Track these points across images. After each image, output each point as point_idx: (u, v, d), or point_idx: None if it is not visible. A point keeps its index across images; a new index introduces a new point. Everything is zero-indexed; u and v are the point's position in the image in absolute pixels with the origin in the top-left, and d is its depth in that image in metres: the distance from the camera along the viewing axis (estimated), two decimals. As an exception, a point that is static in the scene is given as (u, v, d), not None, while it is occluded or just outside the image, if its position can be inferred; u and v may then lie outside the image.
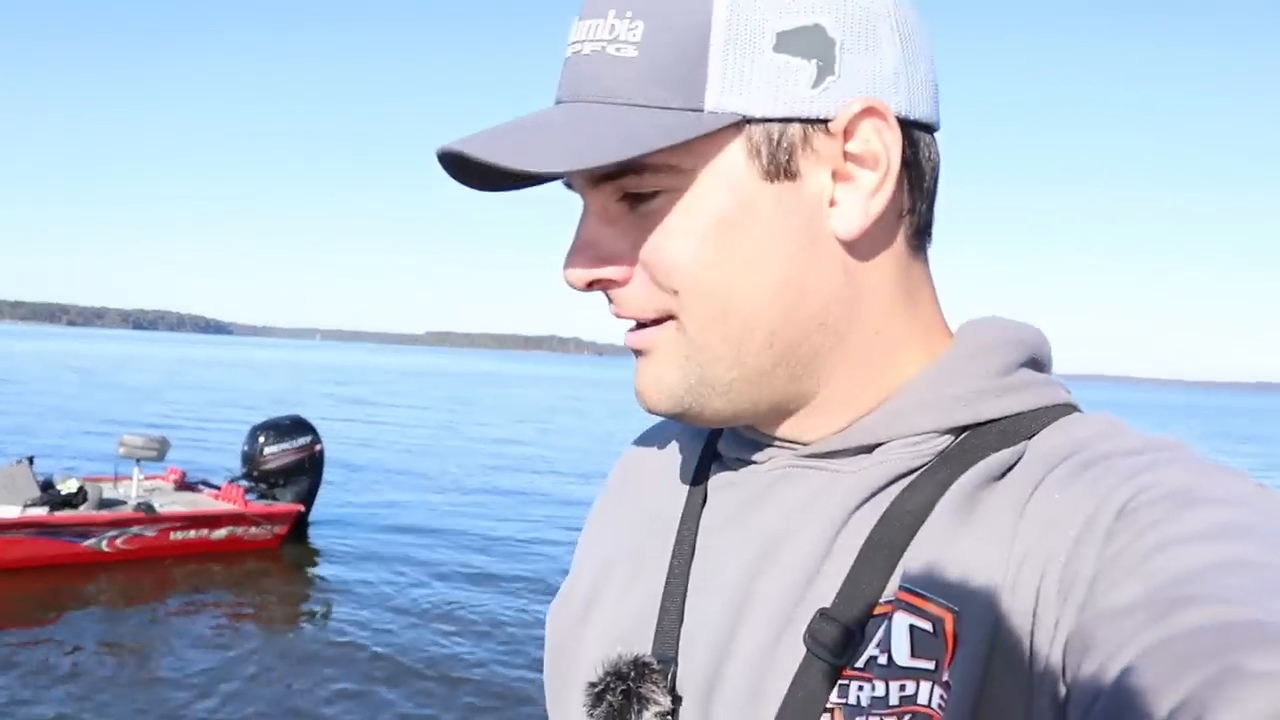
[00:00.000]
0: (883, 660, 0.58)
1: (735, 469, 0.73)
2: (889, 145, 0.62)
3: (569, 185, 0.68)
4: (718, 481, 0.74)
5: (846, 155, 0.63)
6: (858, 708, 0.58)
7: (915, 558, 0.60)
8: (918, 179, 0.66)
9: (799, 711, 0.60)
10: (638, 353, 0.68)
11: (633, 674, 0.68)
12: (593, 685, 0.69)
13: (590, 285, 0.66)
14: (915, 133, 0.65)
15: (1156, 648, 0.44)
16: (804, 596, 0.62)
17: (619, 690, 0.67)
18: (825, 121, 0.62)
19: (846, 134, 0.62)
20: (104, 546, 9.51)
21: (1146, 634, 0.45)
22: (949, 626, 0.57)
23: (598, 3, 0.63)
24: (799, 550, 0.64)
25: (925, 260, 0.70)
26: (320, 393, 42.96)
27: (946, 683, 0.55)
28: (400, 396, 44.93)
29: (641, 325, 0.67)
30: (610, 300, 0.67)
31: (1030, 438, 0.63)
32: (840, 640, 0.59)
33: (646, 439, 0.89)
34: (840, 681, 0.59)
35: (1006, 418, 0.65)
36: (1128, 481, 0.56)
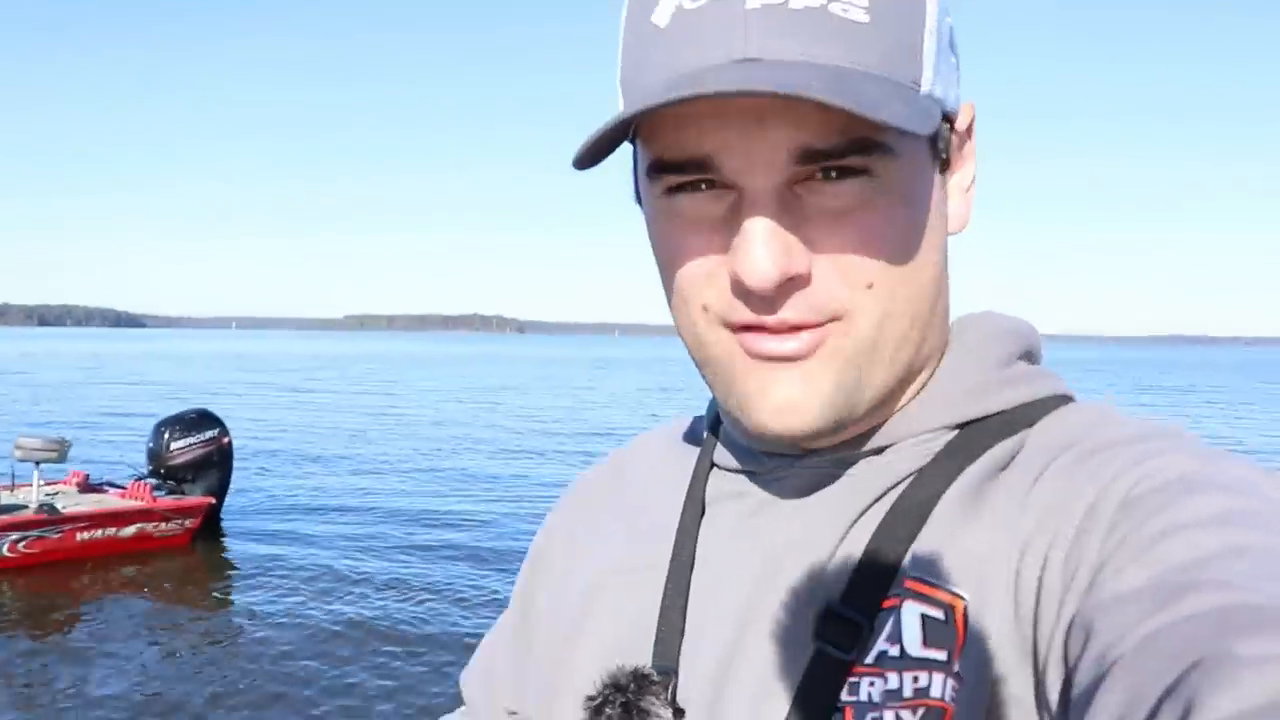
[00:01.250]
0: (894, 653, 0.58)
1: (734, 478, 0.71)
2: (975, 146, 0.67)
3: (664, 171, 0.59)
4: (716, 492, 0.72)
5: (959, 154, 0.65)
6: (869, 704, 0.57)
7: (923, 548, 0.60)
8: None
9: (810, 712, 0.59)
10: (783, 360, 0.60)
11: (632, 686, 0.66)
12: (590, 699, 0.68)
13: (781, 285, 0.57)
14: None
15: (1157, 635, 0.43)
16: (813, 597, 0.62)
17: (618, 703, 0.66)
18: (953, 119, 0.64)
19: (968, 132, 0.66)
20: (4, 551, 9.25)
21: (1149, 621, 0.44)
22: (959, 614, 0.57)
23: None
24: (810, 552, 0.63)
25: None
26: (231, 382, 42.09)
27: (958, 674, 0.56)
28: (312, 383, 44.20)
29: (791, 328, 0.59)
30: (768, 306, 0.58)
31: (1030, 427, 0.64)
32: (849, 636, 0.59)
33: (629, 451, 0.87)
34: (850, 679, 0.58)
35: (1008, 410, 0.65)
36: (1131, 469, 0.56)
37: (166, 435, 10.68)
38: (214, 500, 10.92)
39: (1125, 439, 0.60)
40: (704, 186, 0.58)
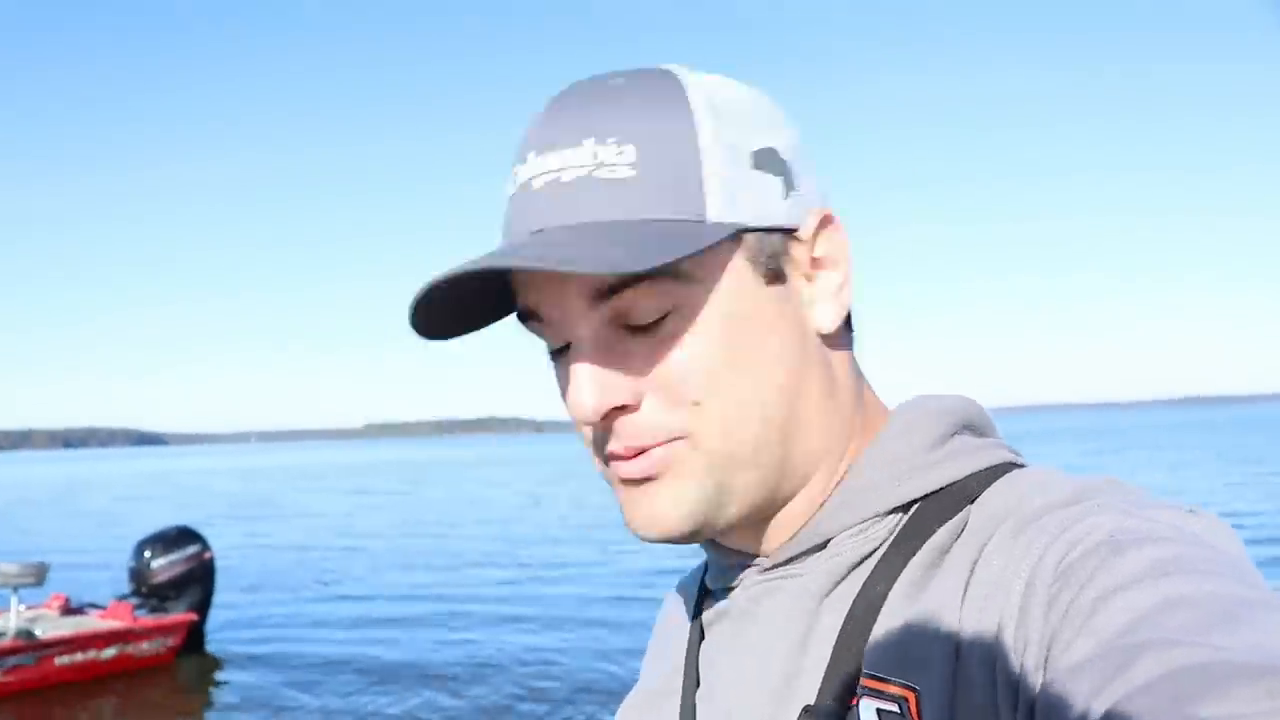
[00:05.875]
0: None
1: (722, 598, 0.76)
2: (845, 248, 0.70)
3: (530, 321, 0.68)
4: (710, 615, 0.78)
5: (813, 261, 0.69)
6: None
7: (876, 643, 0.63)
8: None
9: None
10: (640, 481, 0.67)
11: None
12: None
13: (604, 416, 0.65)
14: None
15: (1114, 712, 0.44)
16: (790, 697, 0.66)
17: None
18: (793, 231, 0.68)
19: (813, 242, 0.69)
20: (-17, 681, 9.13)
21: (1104, 695, 0.46)
22: (913, 705, 0.59)
23: (567, 134, 0.64)
24: (776, 660, 0.68)
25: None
26: (232, 499, 42.11)
27: None
28: (318, 496, 44.09)
29: (638, 451, 0.66)
30: (607, 436, 0.66)
31: (972, 502, 0.66)
32: None
33: (679, 586, 0.92)
34: None
35: (949, 485, 0.68)
36: (1060, 537, 0.58)
37: (148, 554, 10.62)
38: (196, 617, 10.82)
39: (1055, 504, 0.62)
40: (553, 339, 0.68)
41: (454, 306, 0.67)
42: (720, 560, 0.76)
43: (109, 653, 9.97)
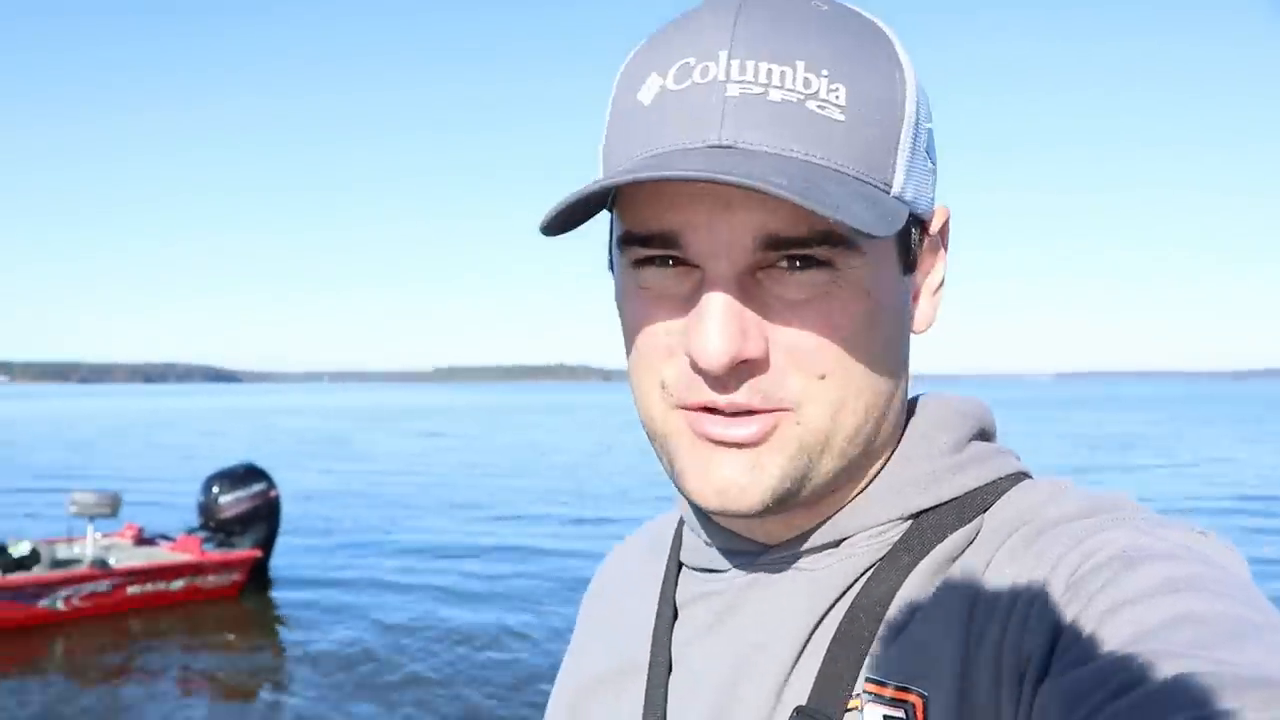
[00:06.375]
0: None
1: (703, 578, 0.72)
2: (947, 248, 0.68)
3: (639, 242, 0.60)
4: (686, 593, 0.73)
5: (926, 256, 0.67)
6: None
7: (880, 648, 0.61)
8: None
9: None
10: (741, 445, 0.61)
11: None
12: None
13: (733, 367, 0.58)
14: None
15: (1111, 714, 0.45)
16: (782, 698, 0.63)
17: None
18: (926, 222, 0.65)
19: (935, 236, 0.67)
20: (59, 605, 9.55)
21: (1108, 705, 0.46)
22: (919, 712, 0.58)
23: (778, 48, 0.57)
24: (775, 655, 0.64)
25: None
26: (304, 437, 43.04)
27: None
28: (389, 437, 44.82)
29: (738, 413, 0.60)
30: (705, 385, 0.60)
31: (985, 511, 0.65)
32: None
33: (621, 553, 0.89)
34: None
35: (961, 495, 0.66)
36: (1074, 549, 0.57)
37: (216, 489, 10.94)
38: (261, 553, 11.13)
39: (1069, 516, 0.61)
40: (670, 263, 0.60)
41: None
42: (710, 538, 0.71)
43: (177, 584, 10.34)
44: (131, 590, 10.04)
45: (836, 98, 0.57)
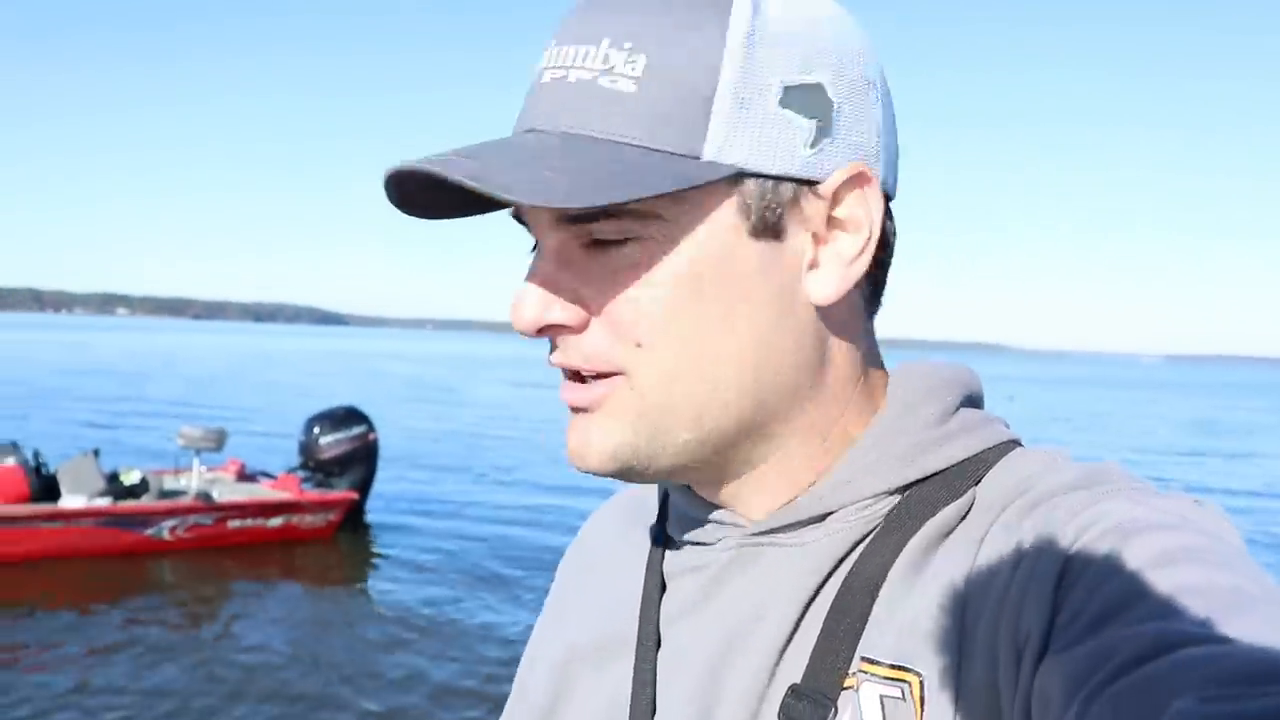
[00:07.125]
0: None
1: (690, 550, 0.71)
2: (873, 213, 0.62)
3: (519, 219, 0.65)
4: (673, 566, 0.72)
5: (830, 220, 0.62)
6: None
7: (875, 625, 0.60)
8: (883, 247, 0.66)
9: None
10: (577, 409, 0.64)
11: None
12: None
13: (542, 330, 0.62)
14: (886, 202, 0.65)
15: (1115, 691, 0.45)
16: (775, 675, 0.62)
17: None
18: (814, 183, 0.61)
19: (835, 198, 0.62)
20: (165, 535, 9.88)
21: (1104, 677, 0.46)
22: (916, 690, 0.57)
23: (587, 29, 0.60)
24: (766, 631, 0.63)
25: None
26: (407, 381, 43.90)
27: None
28: (490, 386, 45.52)
29: (579, 378, 0.63)
30: (554, 347, 0.64)
31: (977, 483, 0.64)
32: (814, 715, 0.59)
33: (602, 518, 0.88)
34: None
35: (952, 465, 0.65)
36: (1070, 521, 0.56)
37: (316, 430, 11.14)
38: (358, 495, 11.31)
39: (1065, 487, 0.60)
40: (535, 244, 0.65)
41: (451, 193, 0.62)
42: (692, 511, 0.70)
43: (275, 521, 10.57)
44: (232, 524, 10.30)
45: (632, 69, 0.58)
